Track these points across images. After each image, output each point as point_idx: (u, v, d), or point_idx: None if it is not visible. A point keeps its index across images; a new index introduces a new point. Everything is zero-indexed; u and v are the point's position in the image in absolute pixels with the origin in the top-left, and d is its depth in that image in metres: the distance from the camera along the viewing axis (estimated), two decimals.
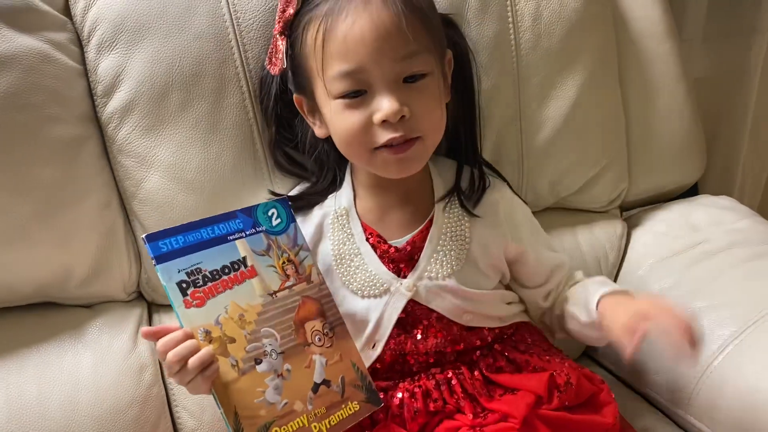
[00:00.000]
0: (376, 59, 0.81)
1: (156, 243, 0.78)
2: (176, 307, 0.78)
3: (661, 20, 1.21)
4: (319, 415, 0.84)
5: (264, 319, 0.83)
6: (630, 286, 1.18)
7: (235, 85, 0.99)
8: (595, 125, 1.16)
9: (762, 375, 0.95)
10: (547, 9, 1.09)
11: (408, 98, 0.83)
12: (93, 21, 0.97)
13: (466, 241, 0.93)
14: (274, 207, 0.89)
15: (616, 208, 1.27)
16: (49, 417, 0.94)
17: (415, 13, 0.82)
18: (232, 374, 0.79)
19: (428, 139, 0.88)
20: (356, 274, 0.93)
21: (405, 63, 0.83)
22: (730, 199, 1.29)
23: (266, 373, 0.81)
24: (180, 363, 0.76)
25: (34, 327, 1.00)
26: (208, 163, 1.00)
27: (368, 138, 0.85)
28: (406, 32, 0.81)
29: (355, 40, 0.81)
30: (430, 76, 0.85)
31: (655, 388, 1.09)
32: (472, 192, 0.95)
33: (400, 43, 0.81)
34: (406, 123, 0.84)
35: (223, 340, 0.79)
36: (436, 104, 0.87)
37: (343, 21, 0.81)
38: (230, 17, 0.98)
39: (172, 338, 0.77)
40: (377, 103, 0.83)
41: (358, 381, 0.89)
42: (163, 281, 0.78)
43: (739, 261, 1.12)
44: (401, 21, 0.81)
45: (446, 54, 0.92)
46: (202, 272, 0.80)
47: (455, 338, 0.93)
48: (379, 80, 0.82)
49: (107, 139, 1.00)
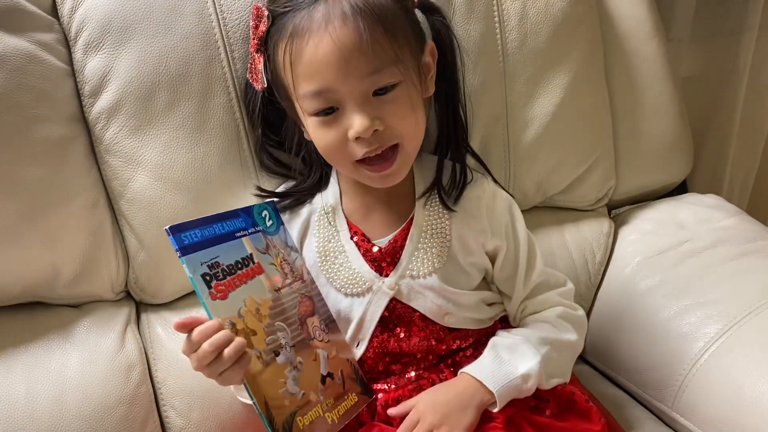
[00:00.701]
0: (341, 79, 0.81)
1: (179, 235, 0.78)
2: (204, 299, 0.78)
3: (647, 19, 1.21)
4: (329, 405, 0.86)
5: (275, 313, 0.85)
6: (617, 284, 1.19)
7: (221, 85, 0.99)
8: (581, 124, 1.16)
9: (747, 372, 0.96)
10: (533, 8, 1.09)
11: (380, 111, 0.83)
12: (80, 21, 0.97)
13: (447, 237, 0.93)
14: (265, 209, 0.90)
15: (604, 206, 1.27)
16: (36, 416, 0.94)
17: (377, 27, 0.81)
18: (258, 365, 0.80)
19: (407, 144, 0.87)
20: (340, 272, 0.94)
21: (371, 79, 0.82)
22: (716, 197, 1.29)
23: (285, 365, 0.83)
24: (215, 353, 0.76)
25: (22, 327, 1.00)
26: (195, 163, 1.00)
27: (347, 153, 0.86)
28: (368, 50, 0.80)
29: (319, 62, 0.81)
30: (401, 85, 0.84)
31: (641, 386, 1.09)
32: (452, 188, 0.95)
33: (363, 61, 0.81)
34: (381, 134, 0.84)
35: (247, 332, 0.80)
36: (409, 111, 0.86)
37: (306, 44, 0.81)
38: (216, 17, 0.98)
39: (208, 328, 0.77)
40: (349, 119, 0.83)
41: (353, 374, 0.91)
42: (189, 273, 0.78)
43: (725, 259, 1.13)
44: (362, 39, 0.80)
45: (426, 47, 0.91)
46: (221, 266, 0.81)
47: (437, 338, 0.94)
48: (348, 98, 0.82)
49: (94, 139, 1.00)
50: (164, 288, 1.06)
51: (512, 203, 0.99)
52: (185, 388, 1.01)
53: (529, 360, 0.89)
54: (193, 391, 1.01)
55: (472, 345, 0.96)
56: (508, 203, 0.98)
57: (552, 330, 0.95)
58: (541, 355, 0.89)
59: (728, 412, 0.95)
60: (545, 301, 0.98)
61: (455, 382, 0.90)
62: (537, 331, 0.94)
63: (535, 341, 0.92)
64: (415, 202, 0.95)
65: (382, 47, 0.81)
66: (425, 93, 0.91)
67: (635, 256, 1.19)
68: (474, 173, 0.99)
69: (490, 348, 0.92)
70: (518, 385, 0.88)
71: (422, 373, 0.94)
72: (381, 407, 0.93)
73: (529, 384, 0.88)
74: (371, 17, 0.80)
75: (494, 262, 0.97)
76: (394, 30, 0.82)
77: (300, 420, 0.81)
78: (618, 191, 1.26)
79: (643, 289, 1.14)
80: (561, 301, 0.98)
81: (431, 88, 0.92)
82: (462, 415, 0.85)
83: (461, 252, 0.94)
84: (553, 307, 0.98)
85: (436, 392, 0.89)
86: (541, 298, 0.98)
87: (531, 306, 0.98)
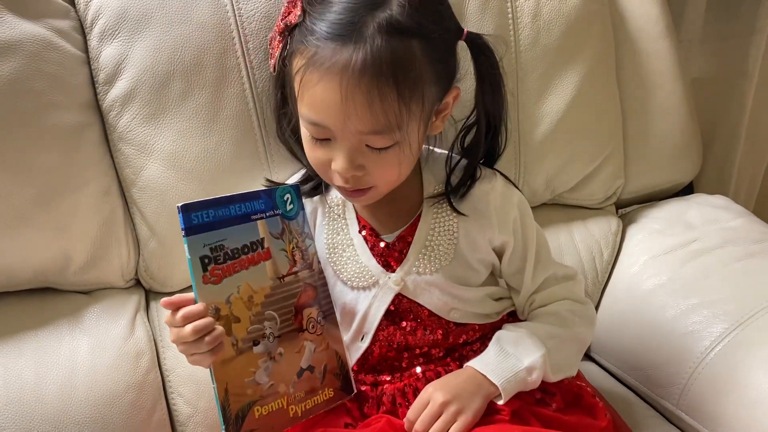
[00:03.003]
0: (339, 125, 0.80)
1: (189, 214, 0.78)
2: (194, 281, 0.78)
3: (659, 18, 1.22)
4: (297, 398, 0.86)
5: (270, 302, 0.85)
6: (624, 282, 1.20)
7: (235, 75, 1.00)
8: (592, 122, 1.17)
9: (752, 371, 0.96)
10: (547, 6, 1.10)
11: (366, 159, 0.83)
12: (96, 9, 0.97)
13: (454, 235, 0.93)
14: (288, 192, 0.90)
15: (612, 205, 1.28)
16: (46, 401, 0.94)
17: (391, 92, 0.78)
18: (230, 352, 0.80)
19: (381, 188, 0.88)
20: (347, 265, 0.94)
21: (368, 137, 0.81)
22: (724, 198, 1.30)
23: (261, 354, 0.83)
24: (195, 336, 0.77)
25: (33, 312, 1.01)
26: (208, 153, 1.01)
27: (329, 175, 0.87)
28: (372, 114, 0.78)
29: (323, 105, 0.80)
30: (395, 146, 0.82)
31: (646, 383, 1.09)
32: (460, 185, 0.94)
33: (365, 121, 0.79)
34: (359, 178, 0.84)
35: (230, 319, 0.80)
36: (394, 167, 0.85)
37: (318, 81, 0.79)
38: (232, 8, 0.99)
39: (193, 311, 0.78)
40: (336, 154, 0.83)
41: (338, 370, 0.91)
42: (188, 254, 0.78)
43: (732, 259, 1.13)
44: (371, 103, 0.77)
45: (450, 91, 0.87)
46: (224, 249, 0.81)
47: (444, 332, 0.94)
48: (341, 140, 0.82)
49: (108, 126, 1.00)
50: (174, 276, 1.06)
51: (521, 199, 0.98)
52: (193, 377, 1.02)
53: (533, 352, 0.89)
54: (201, 379, 1.01)
55: (479, 339, 0.96)
56: (516, 199, 0.97)
57: (559, 322, 0.94)
58: (546, 348, 0.90)
59: (733, 410, 0.96)
60: (553, 294, 0.97)
61: (462, 372, 0.90)
62: (543, 325, 0.94)
63: (542, 334, 0.92)
64: (423, 201, 0.94)
65: (388, 115, 0.79)
66: (432, 131, 0.90)
67: (642, 254, 1.20)
68: (483, 169, 0.97)
69: (495, 341, 0.92)
70: (523, 377, 0.88)
71: (429, 366, 0.94)
72: (388, 399, 0.93)
73: (533, 376, 0.88)
74: (389, 81, 0.77)
75: (501, 257, 0.97)
76: (410, 96, 0.79)
77: (257, 410, 0.82)
78: (626, 190, 1.27)
79: (650, 288, 1.14)
80: (570, 294, 0.98)
81: (440, 127, 0.90)
82: (471, 397, 0.86)
83: (468, 249, 0.94)
84: (561, 300, 0.97)
85: (445, 378, 0.89)
86: (549, 291, 0.97)
87: (539, 299, 0.98)
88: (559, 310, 0.96)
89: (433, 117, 0.87)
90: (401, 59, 0.78)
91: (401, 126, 0.80)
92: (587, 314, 0.99)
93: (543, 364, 0.88)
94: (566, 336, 0.94)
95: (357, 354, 0.95)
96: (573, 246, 1.21)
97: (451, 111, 0.90)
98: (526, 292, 0.98)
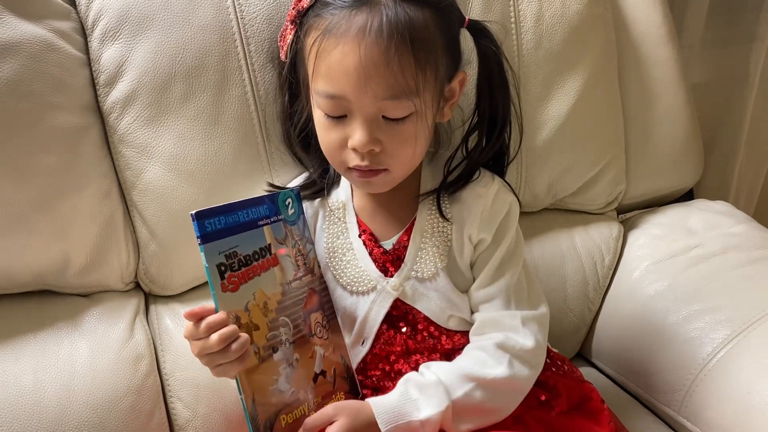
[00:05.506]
0: (357, 93, 0.81)
1: (203, 222, 0.77)
2: (214, 290, 0.78)
3: (662, 24, 1.22)
4: (316, 403, 0.86)
5: (282, 308, 0.84)
6: (625, 287, 1.19)
7: (237, 78, 0.99)
8: (594, 127, 1.16)
9: (755, 378, 0.96)
10: (550, 10, 1.10)
11: (383, 133, 0.83)
12: (97, 11, 0.97)
13: (448, 237, 0.93)
14: (290, 196, 0.89)
15: (613, 210, 1.27)
16: (44, 405, 0.94)
17: (408, 55, 0.79)
18: (254, 361, 0.80)
19: (395, 172, 0.87)
20: (347, 269, 0.94)
21: (386, 103, 0.82)
22: (726, 203, 1.29)
23: (280, 362, 0.83)
24: (222, 345, 0.76)
25: (32, 315, 1.00)
26: (209, 156, 1.00)
27: (342, 157, 0.86)
28: (391, 76, 0.79)
29: (341, 70, 0.80)
30: (412, 117, 0.83)
31: (648, 390, 1.09)
32: (453, 183, 0.93)
33: (383, 85, 0.80)
34: (375, 155, 0.84)
35: (250, 327, 0.80)
36: (410, 142, 0.85)
37: (334, 47, 0.80)
38: (234, 10, 0.98)
39: (216, 320, 0.77)
40: (352, 130, 0.84)
41: (345, 373, 0.91)
42: (206, 262, 0.77)
43: (733, 265, 1.13)
44: (389, 64, 0.79)
45: (457, 75, 0.89)
46: (238, 256, 0.80)
47: (443, 336, 0.94)
48: (358, 111, 0.82)
49: (108, 128, 1.00)
50: (174, 280, 1.06)
51: (513, 204, 0.95)
52: (193, 381, 1.01)
53: (434, 405, 0.84)
54: (201, 383, 1.00)
55: None
56: (508, 203, 0.94)
57: (484, 363, 0.87)
58: (451, 400, 0.84)
59: (735, 417, 0.95)
60: (495, 322, 0.91)
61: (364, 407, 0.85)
62: (463, 365, 0.88)
63: (454, 380, 0.86)
64: (418, 203, 0.94)
65: (406, 76, 0.80)
66: (441, 118, 0.90)
67: (644, 260, 1.19)
68: (483, 172, 0.96)
69: (402, 382, 0.87)
70: (415, 428, 0.84)
71: None
72: None
73: (427, 429, 0.84)
74: (405, 42, 0.79)
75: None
76: (425, 60, 0.81)
77: (283, 418, 0.81)
78: (628, 195, 1.26)
79: (652, 293, 1.14)
80: (512, 326, 0.90)
81: (448, 114, 0.91)
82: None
83: (459, 251, 0.93)
84: (496, 333, 0.90)
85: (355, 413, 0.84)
86: (493, 315, 0.91)
87: (480, 320, 0.92)
88: (488, 345, 0.89)
89: (442, 102, 0.88)
90: (416, 24, 0.80)
91: (418, 91, 0.81)
92: (523, 353, 0.89)
93: (439, 421, 0.84)
94: (486, 382, 0.86)
95: (357, 358, 0.95)
96: (574, 251, 1.21)
97: (458, 99, 0.91)
98: (474, 289, 0.93)
